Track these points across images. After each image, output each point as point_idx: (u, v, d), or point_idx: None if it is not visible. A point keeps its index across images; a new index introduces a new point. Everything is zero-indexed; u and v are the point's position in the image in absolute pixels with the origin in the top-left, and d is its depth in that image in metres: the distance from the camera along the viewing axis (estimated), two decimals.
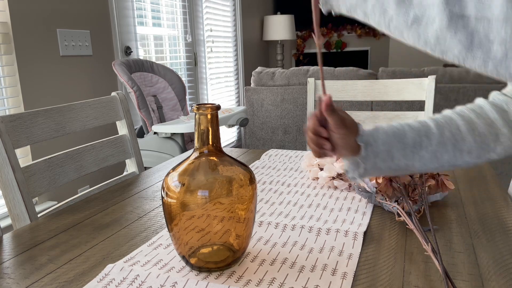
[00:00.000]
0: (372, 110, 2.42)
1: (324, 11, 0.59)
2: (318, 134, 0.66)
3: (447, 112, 0.71)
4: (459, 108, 0.71)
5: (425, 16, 0.47)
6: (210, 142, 0.60)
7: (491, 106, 0.69)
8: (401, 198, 0.80)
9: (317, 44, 0.62)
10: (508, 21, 0.42)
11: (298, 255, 0.65)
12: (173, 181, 0.59)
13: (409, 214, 0.76)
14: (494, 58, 0.44)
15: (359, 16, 0.55)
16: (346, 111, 0.81)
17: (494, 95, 0.72)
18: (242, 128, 3.71)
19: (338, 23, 4.91)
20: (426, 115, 1.45)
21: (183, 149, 2.14)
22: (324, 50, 5.02)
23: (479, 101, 0.71)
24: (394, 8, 0.49)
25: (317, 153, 0.68)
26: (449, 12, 0.45)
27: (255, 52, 4.24)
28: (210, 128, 0.59)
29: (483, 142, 0.67)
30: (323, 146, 0.67)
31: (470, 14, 0.44)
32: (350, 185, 0.94)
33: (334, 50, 5.00)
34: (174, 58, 2.98)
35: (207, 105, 0.58)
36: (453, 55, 0.47)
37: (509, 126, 0.67)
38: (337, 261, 0.63)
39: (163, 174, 1.13)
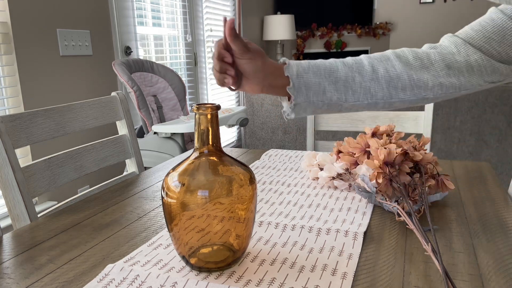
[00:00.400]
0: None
1: None
2: (222, 58, 0.65)
3: (386, 51, 0.71)
4: (401, 49, 0.71)
5: None
6: (210, 142, 0.60)
7: (435, 50, 0.69)
8: (401, 198, 0.80)
9: None
10: None
11: (298, 255, 0.65)
12: (173, 181, 0.59)
13: (409, 214, 0.76)
14: None
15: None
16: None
17: (445, 37, 0.72)
18: (242, 128, 3.71)
19: (338, 23, 4.91)
20: (426, 116, 1.45)
21: (183, 149, 2.13)
22: (324, 50, 5.02)
23: (425, 46, 0.71)
24: None
25: (220, 80, 0.67)
26: None
27: None
28: (210, 128, 0.59)
29: (419, 80, 0.67)
30: (227, 72, 0.66)
31: None
32: (350, 185, 0.94)
33: (334, 50, 5.00)
34: (174, 58, 2.98)
35: (207, 105, 0.58)
36: None
37: (449, 68, 0.67)
38: (337, 261, 0.63)
39: (163, 174, 1.13)
